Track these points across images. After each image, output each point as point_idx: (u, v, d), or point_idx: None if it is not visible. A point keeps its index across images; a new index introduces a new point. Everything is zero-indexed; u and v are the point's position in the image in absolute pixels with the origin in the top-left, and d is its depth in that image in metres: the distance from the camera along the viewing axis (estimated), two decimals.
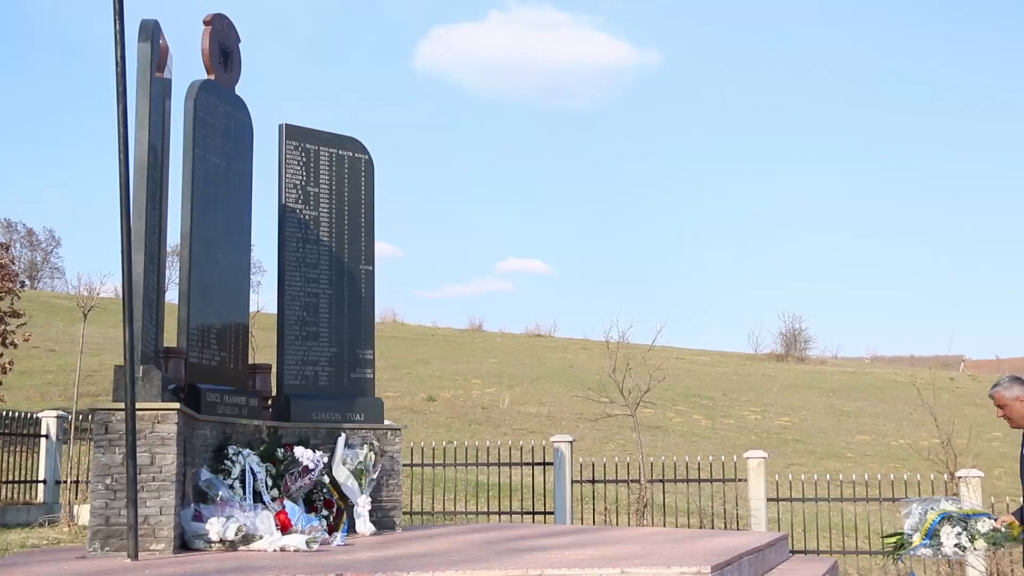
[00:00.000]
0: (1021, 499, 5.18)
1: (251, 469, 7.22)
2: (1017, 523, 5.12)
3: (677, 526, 11.93)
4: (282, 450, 7.63)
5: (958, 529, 5.12)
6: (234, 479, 7.10)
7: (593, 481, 12.22)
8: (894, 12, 68.63)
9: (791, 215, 69.52)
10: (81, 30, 65.52)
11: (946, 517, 5.16)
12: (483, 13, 75.92)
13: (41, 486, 12.48)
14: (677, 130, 71.91)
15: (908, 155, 68.57)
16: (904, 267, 70.20)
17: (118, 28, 6.21)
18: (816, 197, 69.11)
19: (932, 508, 5.24)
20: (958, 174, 68.78)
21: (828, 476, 11.82)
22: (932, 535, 5.17)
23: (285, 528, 6.98)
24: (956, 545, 5.11)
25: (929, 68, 68.93)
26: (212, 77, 7.96)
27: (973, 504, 5.44)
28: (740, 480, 11.55)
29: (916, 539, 5.25)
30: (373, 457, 8.34)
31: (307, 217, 8.74)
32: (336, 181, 8.95)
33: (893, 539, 5.41)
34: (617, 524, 12.17)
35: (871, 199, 69.48)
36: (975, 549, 5.18)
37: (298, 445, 7.85)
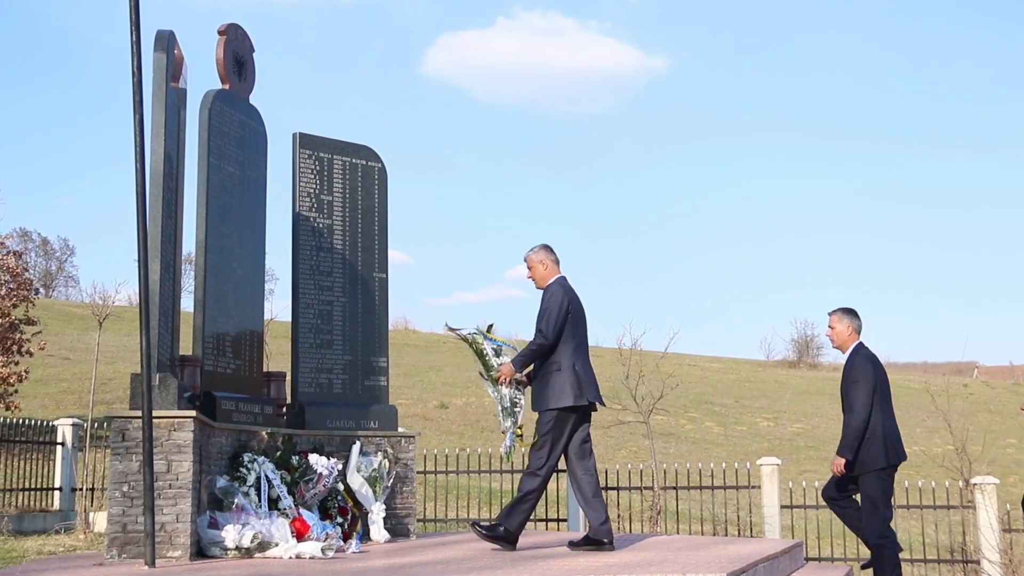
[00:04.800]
0: None
1: (266, 476, 7.24)
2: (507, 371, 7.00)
3: (691, 533, 11.92)
4: (297, 457, 7.66)
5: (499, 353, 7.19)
6: (249, 486, 7.12)
7: (606, 488, 12.21)
8: (904, 13, 68.46)
9: (803, 220, 69.38)
10: (92, 39, 65.89)
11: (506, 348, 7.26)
12: (490, 20, 76.14)
13: (57, 493, 12.54)
14: (686, 135, 71.88)
15: (920, 159, 68.36)
16: (917, 273, 69.96)
17: (134, 39, 6.25)
18: (828, 202, 68.99)
19: (505, 346, 7.29)
20: (971, 177, 68.51)
21: None
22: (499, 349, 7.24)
23: (301, 535, 7.00)
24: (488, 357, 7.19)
25: (943, 70, 68.72)
26: (226, 87, 8.01)
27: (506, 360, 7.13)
28: (754, 487, 11.53)
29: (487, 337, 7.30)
30: (387, 464, 8.36)
31: (321, 225, 8.78)
32: (350, 189, 8.99)
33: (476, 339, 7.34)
34: (630, 531, 12.15)
35: (883, 204, 69.31)
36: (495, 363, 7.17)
37: (313, 452, 7.88)
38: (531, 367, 7.10)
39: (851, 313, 7.20)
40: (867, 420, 6.93)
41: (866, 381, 6.97)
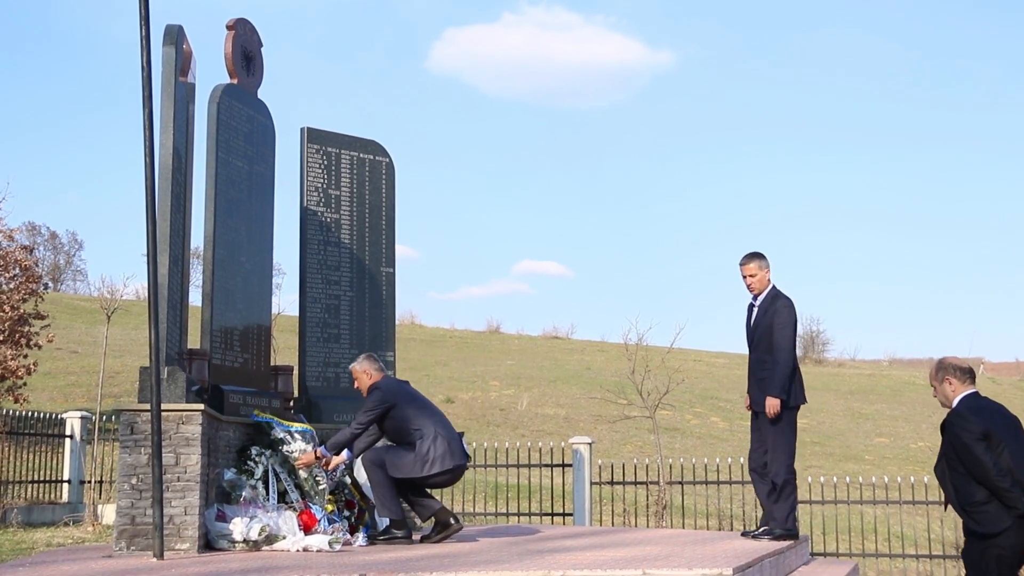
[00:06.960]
0: None
1: (274, 470, 7.28)
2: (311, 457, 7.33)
3: (696, 528, 11.94)
4: None
5: (290, 443, 7.47)
6: (257, 479, 7.16)
7: (612, 483, 12.24)
8: (913, 7, 68.29)
9: (808, 215, 69.25)
10: (101, 33, 66.03)
11: (305, 434, 7.58)
12: (496, 15, 75.97)
13: (66, 486, 12.60)
14: (692, 129, 71.76)
15: (926, 154, 68.20)
16: (923, 268, 69.78)
17: (144, 34, 6.28)
18: (833, 196, 68.80)
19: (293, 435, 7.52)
20: (978, 172, 68.32)
21: (847, 478, 11.80)
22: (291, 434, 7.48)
23: (308, 528, 7.04)
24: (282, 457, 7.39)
25: (950, 64, 68.55)
26: (235, 81, 8.04)
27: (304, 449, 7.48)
28: None
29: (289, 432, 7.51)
30: None
31: (328, 220, 8.81)
32: (357, 184, 9.02)
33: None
34: (636, 526, 12.18)
35: (889, 199, 69.15)
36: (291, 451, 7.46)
37: (320, 446, 7.90)
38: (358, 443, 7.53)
39: (764, 257, 7.31)
40: (792, 362, 7.14)
41: (792, 325, 7.19)
